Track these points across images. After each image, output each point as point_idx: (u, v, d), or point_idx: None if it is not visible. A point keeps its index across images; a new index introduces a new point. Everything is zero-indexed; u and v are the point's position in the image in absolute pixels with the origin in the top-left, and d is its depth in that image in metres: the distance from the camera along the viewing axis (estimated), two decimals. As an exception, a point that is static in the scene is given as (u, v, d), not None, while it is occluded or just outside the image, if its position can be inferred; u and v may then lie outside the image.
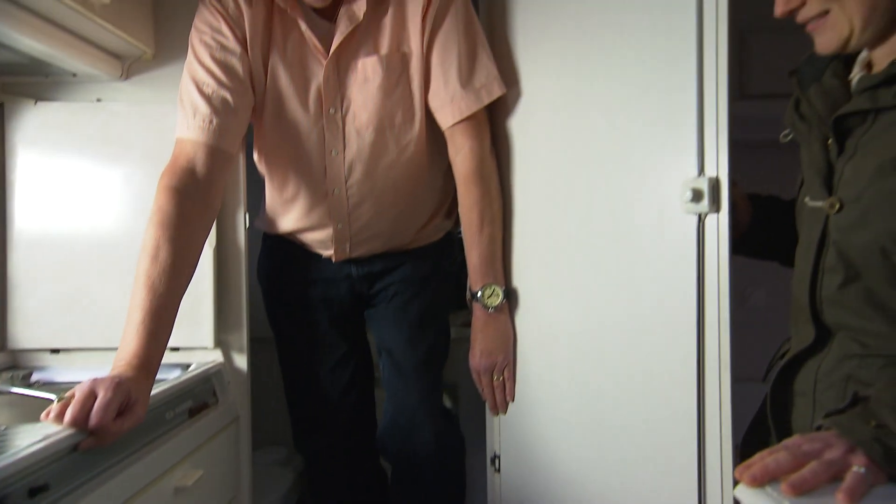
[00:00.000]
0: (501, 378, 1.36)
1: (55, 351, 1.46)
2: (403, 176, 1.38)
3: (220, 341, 1.47)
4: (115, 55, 1.43)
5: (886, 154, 0.73)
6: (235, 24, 1.26)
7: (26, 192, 1.44)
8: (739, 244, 1.01)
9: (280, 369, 1.58)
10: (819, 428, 0.69)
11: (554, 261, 1.29)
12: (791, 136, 0.92)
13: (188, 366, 1.40)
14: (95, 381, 0.95)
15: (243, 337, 1.48)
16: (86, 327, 1.44)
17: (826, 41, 0.81)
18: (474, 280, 1.35)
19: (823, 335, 0.83)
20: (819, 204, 0.81)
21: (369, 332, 1.61)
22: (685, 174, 1.00)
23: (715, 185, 0.96)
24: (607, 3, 1.17)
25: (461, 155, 1.34)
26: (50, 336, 1.45)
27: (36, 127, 1.43)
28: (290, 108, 1.31)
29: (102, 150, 1.45)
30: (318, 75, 1.29)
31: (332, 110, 1.31)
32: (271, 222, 1.50)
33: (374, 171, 1.36)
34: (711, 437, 0.97)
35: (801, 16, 0.82)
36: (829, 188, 0.81)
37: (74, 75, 1.43)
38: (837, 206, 0.78)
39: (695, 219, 0.99)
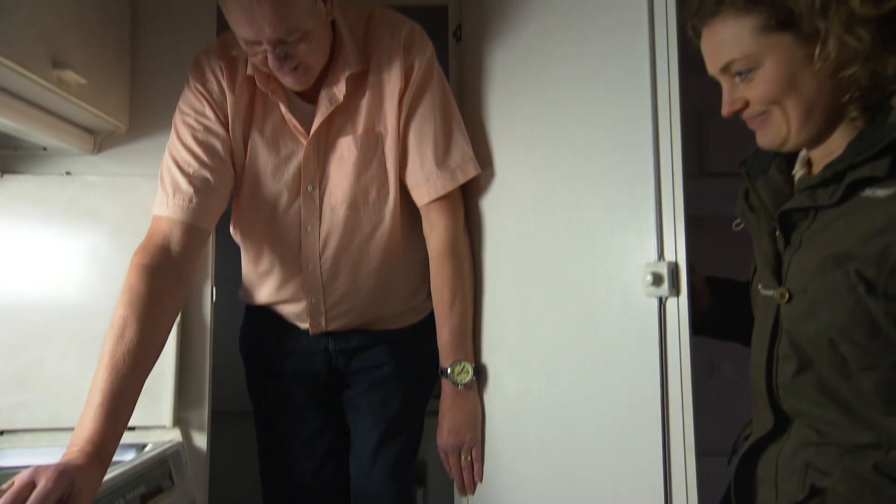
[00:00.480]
0: (469, 458, 1.34)
1: (-1, 433, 1.39)
2: (379, 251, 1.40)
3: (180, 419, 1.42)
4: (88, 130, 1.45)
5: (827, 250, 0.77)
6: (219, 108, 1.30)
7: (-15, 264, 1.41)
8: (701, 325, 1.04)
9: (256, 444, 1.54)
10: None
11: (522, 339, 1.31)
12: (742, 225, 0.97)
13: (144, 446, 1.35)
14: (37, 469, 0.90)
15: (204, 414, 1.44)
16: (36, 406, 1.38)
17: (766, 139, 0.87)
18: (444, 356, 1.36)
19: (782, 421, 0.85)
20: (770, 293, 0.85)
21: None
22: (646, 258, 1.04)
23: (674, 269, 1.00)
24: (567, 93, 1.24)
25: (436, 232, 1.37)
26: (-5, 416, 1.39)
27: (2, 199, 1.42)
28: (268, 186, 1.34)
29: (70, 222, 1.44)
30: (298, 154, 1.32)
31: (309, 188, 1.34)
32: (249, 293, 1.50)
33: (349, 247, 1.38)
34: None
35: (745, 115, 0.88)
36: (779, 278, 0.85)
37: (44, 149, 1.44)
38: (787, 296, 0.82)
39: (656, 301, 1.02)
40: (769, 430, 0.86)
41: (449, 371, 1.33)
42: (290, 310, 1.46)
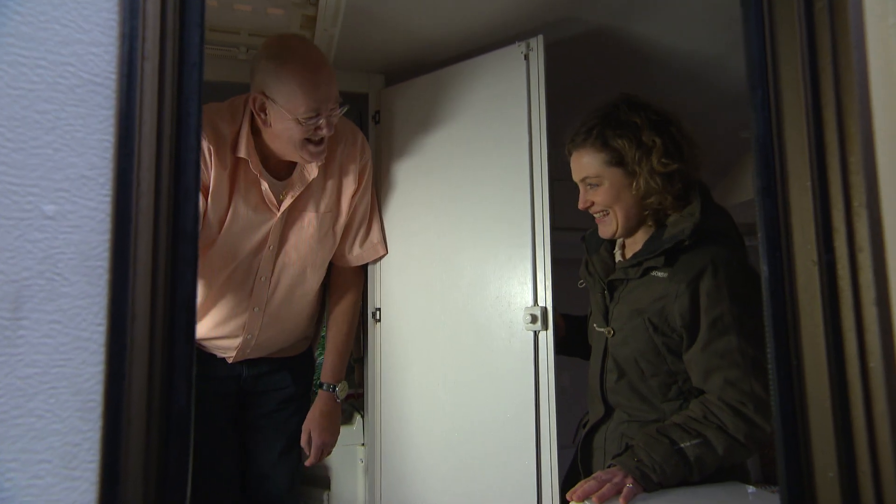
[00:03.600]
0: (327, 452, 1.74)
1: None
2: (305, 298, 1.75)
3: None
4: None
5: (633, 305, 1.29)
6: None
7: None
8: (558, 347, 1.53)
9: None
10: (609, 466, 1.19)
11: (432, 362, 1.72)
12: (584, 284, 1.48)
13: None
14: None
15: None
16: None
17: (605, 232, 1.39)
18: (333, 376, 1.75)
19: (609, 410, 1.36)
20: (602, 330, 1.36)
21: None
22: (525, 303, 1.52)
23: (544, 312, 1.48)
24: (469, 171, 1.68)
25: (351, 291, 1.80)
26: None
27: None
28: (241, 243, 1.58)
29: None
30: (269, 221, 1.59)
31: (271, 247, 1.62)
32: None
33: (291, 297, 1.70)
34: (546, 485, 1.44)
35: (592, 212, 1.39)
36: (607, 320, 1.36)
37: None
38: (612, 332, 1.33)
39: (532, 334, 1.49)
40: (601, 417, 1.36)
41: (336, 388, 1.74)
42: (221, 344, 1.71)
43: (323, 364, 1.78)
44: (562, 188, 1.59)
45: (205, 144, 1.48)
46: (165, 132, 0.39)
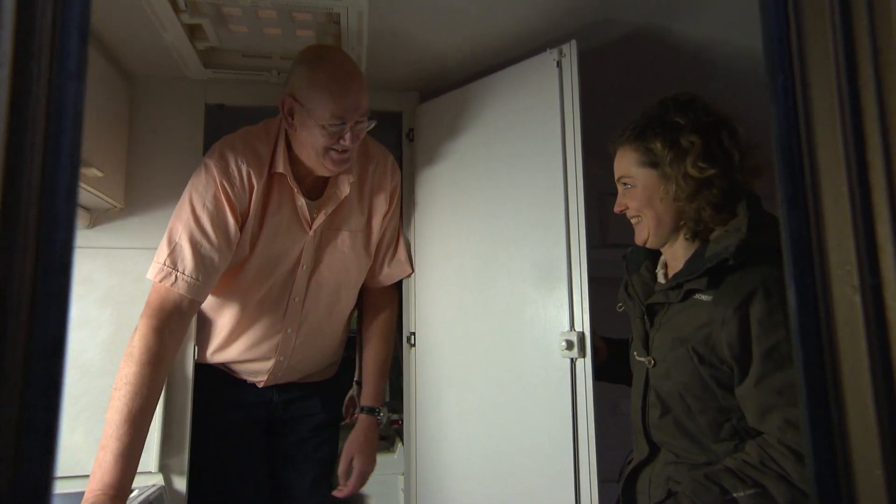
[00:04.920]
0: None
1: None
2: (338, 320, 1.71)
3: (163, 465, 1.60)
4: (85, 208, 1.64)
5: (675, 333, 1.15)
6: (237, 199, 1.46)
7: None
8: (600, 373, 1.39)
9: (201, 491, 1.66)
10: (652, 514, 1.05)
11: (466, 388, 1.62)
12: (623, 308, 1.35)
13: (131, 491, 1.52)
14: None
15: (184, 460, 1.63)
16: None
17: (638, 238, 1.26)
18: (374, 399, 1.69)
19: (654, 449, 1.21)
20: (642, 359, 1.22)
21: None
22: (561, 328, 1.40)
23: (581, 337, 1.36)
24: (506, 190, 1.59)
25: (386, 311, 1.77)
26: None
27: (1, 269, 1.57)
28: (276, 262, 1.56)
29: (64, 289, 1.61)
30: (302, 240, 1.57)
31: (304, 266, 1.59)
32: (209, 353, 1.67)
33: (324, 318, 1.66)
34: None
35: (628, 215, 1.27)
36: (647, 348, 1.22)
37: (47, 225, 1.61)
38: (653, 362, 1.19)
39: (569, 362, 1.37)
40: (646, 457, 1.22)
41: (380, 412, 1.68)
42: (253, 367, 1.68)
43: (363, 387, 1.72)
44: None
45: (244, 168, 1.47)
46: (31, 150, 0.34)
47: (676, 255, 1.23)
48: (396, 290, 1.81)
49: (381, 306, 1.77)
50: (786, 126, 0.46)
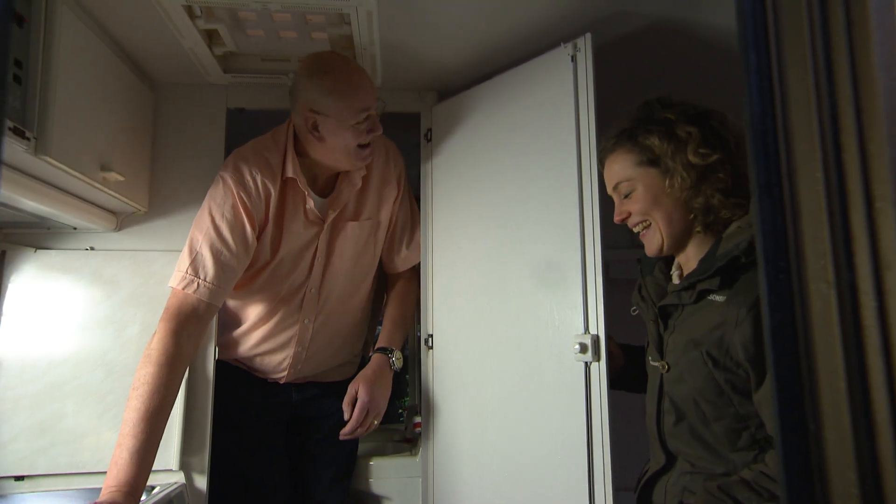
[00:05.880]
0: (373, 421, 1.61)
1: (19, 478, 1.55)
2: (354, 310, 1.74)
3: (184, 463, 1.63)
4: (112, 211, 1.69)
5: (689, 335, 1.09)
6: (254, 206, 1.52)
7: (13, 325, 1.61)
8: (617, 381, 1.35)
9: (221, 490, 1.68)
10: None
11: (480, 390, 1.59)
12: (637, 311, 1.30)
13: (153, 488, 1.55)
14: None
15: (205, 459, 1.65)
16: (55, 453, 1.56)
17: (650, 249, 1.20)
18: (389, 341, 1.69)
19: (671, 458, 1.16)
20: (656, 364, 1.16)
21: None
22: (575, 330, 1.35)
23: (595, 340, 1.31)
24: (521, 190, 1.56)
25: (403, 278, 1.79)
26: (16, 463, 1.55)
27: (34, 271, 1.64)
28: (295, 259, 1.62)
29: (91, 290, 1.66)
30: (317, 235, 1.62)
31: (319, 259, 1.64)
32: (228, 347, 1.71)
33: (339, 307, 1.69)
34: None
35: (631, 225, 1.22)
36: (661, 353, 1.17)
37: (75, 228, 1.66)
38: (667, 367, 1.13)
39: (583, 365, 1.33)
40: (662, 466, 1.16)
41: (392, 353, 1.66)
42: (271, 360, 1.70)
43: (380, 332, 1.75)
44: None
45: (258, 178, 1.53)
46: None
47: (689, 256, 1.17)
48: (415, 273, 1.82)
49: (402, 283, 1.81)
50: (759, 107, 0.42)
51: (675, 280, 1.23)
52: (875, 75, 0.35)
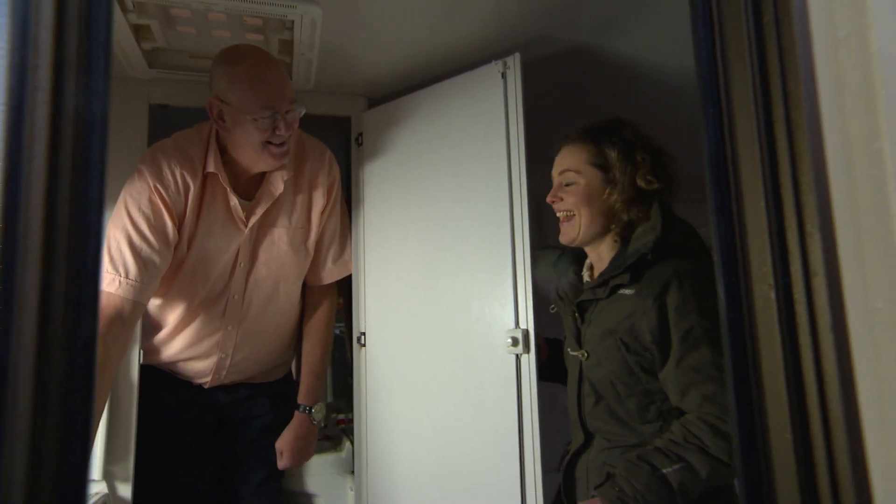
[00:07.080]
0: None
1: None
2: (279, 317, 1.72)
3: (107, 472, 1.57)
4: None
5: (604, 326, 1.26)
6: (172, 201, 1.48)
7: None
8: (542, 373, 1.48)
9: (146, 498, 1.65)
10: (592, 497, 1.15)
11: (415, 384, 1.68)
12: (556, 310, 1.45)
13: (73, 499, 1.48)
14: None
15: (129, 467, 1.60)
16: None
17: (564, 235, 1.35)
18: (308, 397, 1.71)
19: (589, 437, 1.31)
20: (576, 353, 1.32)
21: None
22: (506, 325, 1.48)
23: (525, 334, 1.44)
24: (450, 192, 1.66)
25: (322, 308, 1.76)
26: None
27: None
28: (213, 261, 1.57)
29: None
30: (238, 238, 1.59)
31: (241, 264, 1.61)
32: (151, 352, 1.67)
33: (264, 315, 1.67)
34: (532, 513, 1.39)
35: (557, 207, 1.36)
36: (580, 343, 1.33)
37: None
38: (586, 355, 1.29)
39: (514, 357, 1.46)
40: (581, 444, 1.32)
41: (311, 410, 1.69)
42: (195, 366, 1.68)
43: (300, 385, 1.74)
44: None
45: (177, 171, 1.49)
46: (64, 165, 0.37)
47: (602, 256, 1.34)
48: (336, 290, 1.83)
49: (319, 305, 1.78)
50: (715, 149, 0.55)
51: (587, 279, 1.39)
52: (804, 137, 0.48)
